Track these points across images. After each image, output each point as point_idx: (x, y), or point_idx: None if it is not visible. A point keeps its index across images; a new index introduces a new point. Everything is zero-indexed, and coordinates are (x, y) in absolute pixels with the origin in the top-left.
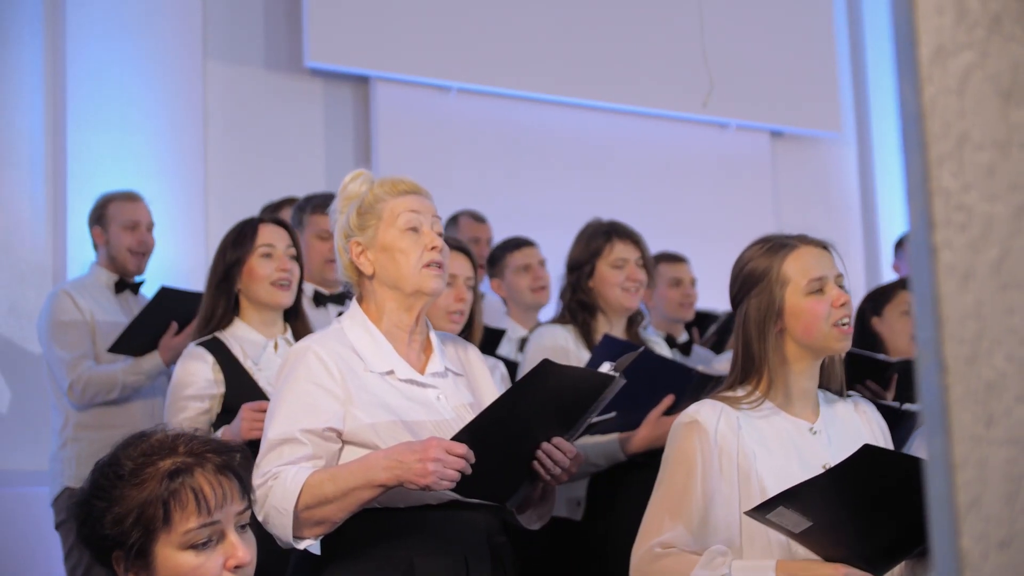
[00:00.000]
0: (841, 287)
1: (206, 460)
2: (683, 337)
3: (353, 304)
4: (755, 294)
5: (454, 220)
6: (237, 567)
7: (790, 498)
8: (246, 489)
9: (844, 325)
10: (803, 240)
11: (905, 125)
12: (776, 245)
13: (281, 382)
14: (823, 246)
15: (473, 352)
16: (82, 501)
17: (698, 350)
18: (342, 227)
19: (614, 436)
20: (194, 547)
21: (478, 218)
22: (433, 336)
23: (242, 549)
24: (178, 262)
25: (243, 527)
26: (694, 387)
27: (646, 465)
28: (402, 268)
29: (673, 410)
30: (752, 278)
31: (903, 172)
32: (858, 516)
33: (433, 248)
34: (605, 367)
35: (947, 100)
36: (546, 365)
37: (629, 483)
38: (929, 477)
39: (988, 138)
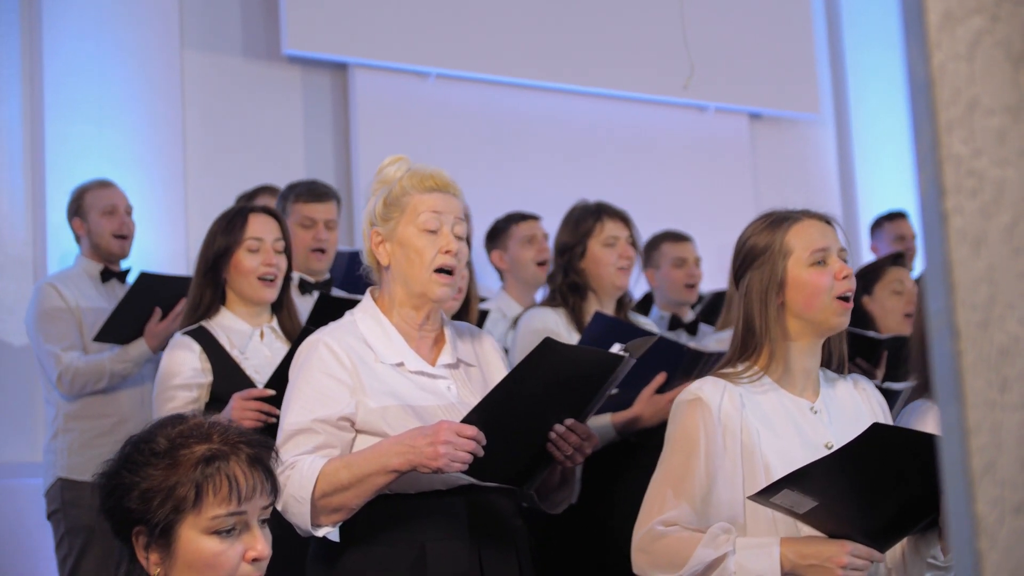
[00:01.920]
0: (844, 261)
1: (240, 450)
2: (689, 317)
3: (366, 296)
4: (757, 266)
5: None
6: (255, 560)
7: (795, 480)
8: (273, 485)
9: (846, 300)
10: (806, 214)
11: (913, 93)
12: (779, 218)
13: (295, 374)
14: (826, 220)
15: (489, 342)
16: (110, 472)
17: (705, 329)
18: (368, 212)
19: (607, 416)
20: (218, 533)
21: None
22: (448, 328)
23: (262, 543)
24: (158, 251)
25: (263, 522)
26: (686, 364)
27: (641, 446)
28: (414, 267)
29: (665, 388)
30: (754, 251)
31: (912, 139)
32: (863, 494)
33: (447, 252)
34: (615, 348)
35: (956, 66)
36: (548, 343)
37: (625, 464)
38: (944, 443)
39: (998, 103)
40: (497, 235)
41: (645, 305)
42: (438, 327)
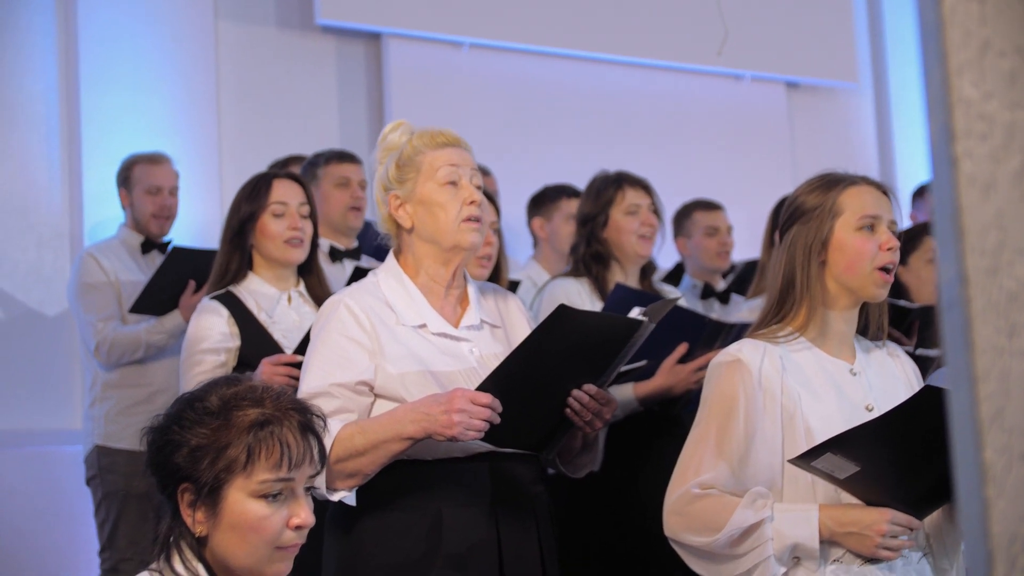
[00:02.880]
0: (893, 233)
1: (291, 417)
2: (721, 286)
3: (389, 257)
4: (804, 222)
5: None
6: (299, 527)
7: (839, 443)
8: (321, 453)
9: (887, 271)
10: (865, 179)
11: (924, 35)
12: (836, 179)
13: (315, 335)
14: (884, 191)
15: (514, 302)
16: (161, 427)
17: (736, 298)
18: (381, 178)
19: (629, 386)
20: (265, 497)
21: (483, 171)
22: (471, 288)
23: (307, 510)
24: (193, 221)
25: (307, 491)
26: (708, 335)
27: (663, 416)
28: (440, 222)
29: (687, 358)
30: (804, 207)
31: (922, 83)
32: (905, 460)
33: (472, 203)
34: (634, 312)
35: (968, 7)
36: (562, 310)
37: (644, 434)
38: (951, 391)
39: (1010, 45)
40: (543, 204)
41: (677, 275)
42: (463, 286)
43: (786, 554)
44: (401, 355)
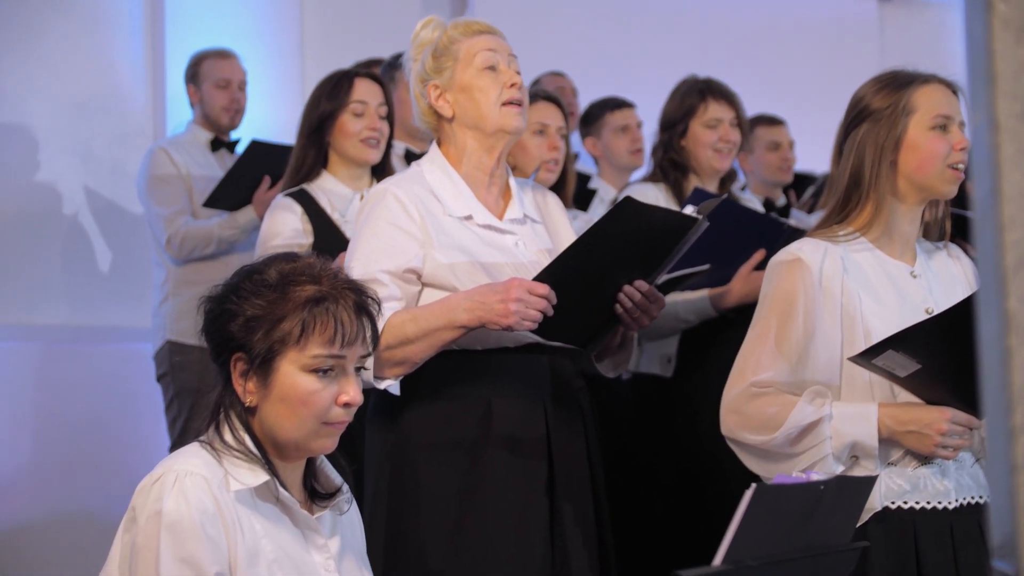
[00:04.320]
0: (963, 133)
1: (347, 296)
2: (781, 201)
3: (433, 147)
4: (874, 119)
5: (536, 82)
6: (347, 404)
7: (901, 340)
8: (374, 335)
9: (958, 169)
10: (935, 77)
11: None
12: (907, 78)
13: (360, 224)
14: (954, 89)
15: (552, 199)
16: (218, 296)
17: (796, 214)
18: (418, 73)
19: (704, 291)
20: (316, 372)
21: (557, 73)
22: (512, 182)
23: (356, 389)
24: (274, 121)
25: (357, 371)
26: (785, 241)
27: (738, 322)
28: (482, 107)
29: (764, 265)
30: (873, 107)
31: None
32: (967, 358)
33: (512, 85)
34: (688, 209)
35: None
36: (628, 202)
37: (720, 340)
38: (978, 239)
39: None
40: (590, 122)
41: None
42: (505, 178)
43: (844, 453)
44: (449, 245)
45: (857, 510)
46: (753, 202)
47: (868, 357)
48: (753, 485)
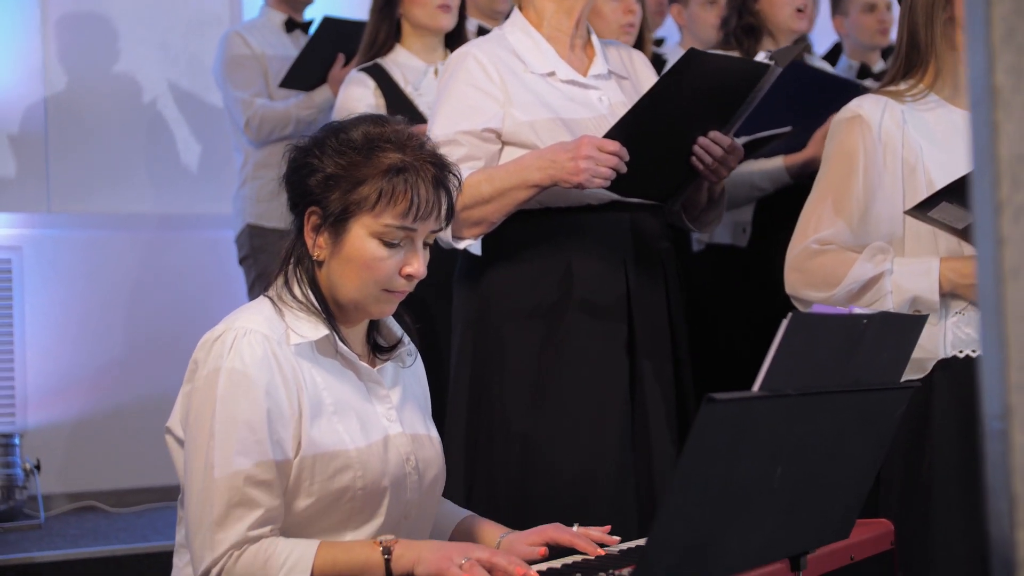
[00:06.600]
0: None
1: (427, 169)
2: (879, 65)
3: (514, 11)
4: None
5: None
6: (410, 276)
7: (954, 191)
8: (449, 210)
9: None
10: None
11: None
12: None
13: (442, 86)
14: None
15: (638, 57)
16: (303, 148)
17: None
18: None
19: (779, 158)
20: (384, 240)
21: None
22: (595, 39)
23: (420, 262)
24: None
25: (426, 245)
26: None
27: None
28: None
29: None
30: None
31: None
32: None
33: None
34: (761, 56)
35: None
36: (692, 53)
37: (796, 208)
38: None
39: None
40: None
41: (834, 55)
42: (586, 37)
43: (906, 307)
44: (531, 102)
45: (907, 350)
46: (824, 66)
47: (923, 210)
48: (790, 313)
